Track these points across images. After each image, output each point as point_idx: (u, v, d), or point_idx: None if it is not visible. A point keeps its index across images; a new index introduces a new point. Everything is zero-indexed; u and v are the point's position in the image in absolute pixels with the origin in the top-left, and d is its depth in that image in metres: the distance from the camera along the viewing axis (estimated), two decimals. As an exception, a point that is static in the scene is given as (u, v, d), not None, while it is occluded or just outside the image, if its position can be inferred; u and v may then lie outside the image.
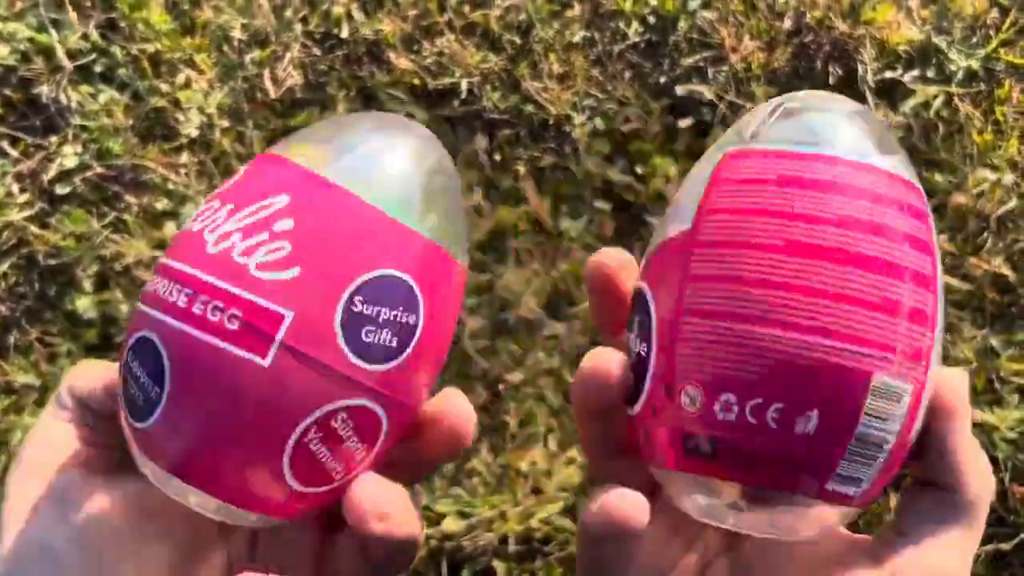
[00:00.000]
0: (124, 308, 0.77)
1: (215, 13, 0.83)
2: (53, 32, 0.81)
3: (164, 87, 0.81)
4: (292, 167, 0.28)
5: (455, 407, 0.29)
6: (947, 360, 0.72)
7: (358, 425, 0.27)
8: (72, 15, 0.81)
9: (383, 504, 0.26)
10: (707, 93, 0.77)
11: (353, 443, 0.27)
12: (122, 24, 0.82)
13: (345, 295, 0.26)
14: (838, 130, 0.29)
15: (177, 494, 0.27)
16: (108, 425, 0.29)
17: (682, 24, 0.79)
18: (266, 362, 0.26)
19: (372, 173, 0.29)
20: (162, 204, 0.79)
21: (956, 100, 0.76)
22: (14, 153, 0.80)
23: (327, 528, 0.31)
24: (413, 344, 0.28)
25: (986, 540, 0.68)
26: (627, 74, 0.80)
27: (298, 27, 0.82)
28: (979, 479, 0.30)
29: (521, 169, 0.79)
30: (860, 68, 0.76)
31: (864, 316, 0.27)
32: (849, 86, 0.77)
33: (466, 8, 0.82)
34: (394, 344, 0.27)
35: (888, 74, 0.76)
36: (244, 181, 0.29)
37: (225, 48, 0.82)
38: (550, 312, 0.74)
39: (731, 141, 0.30)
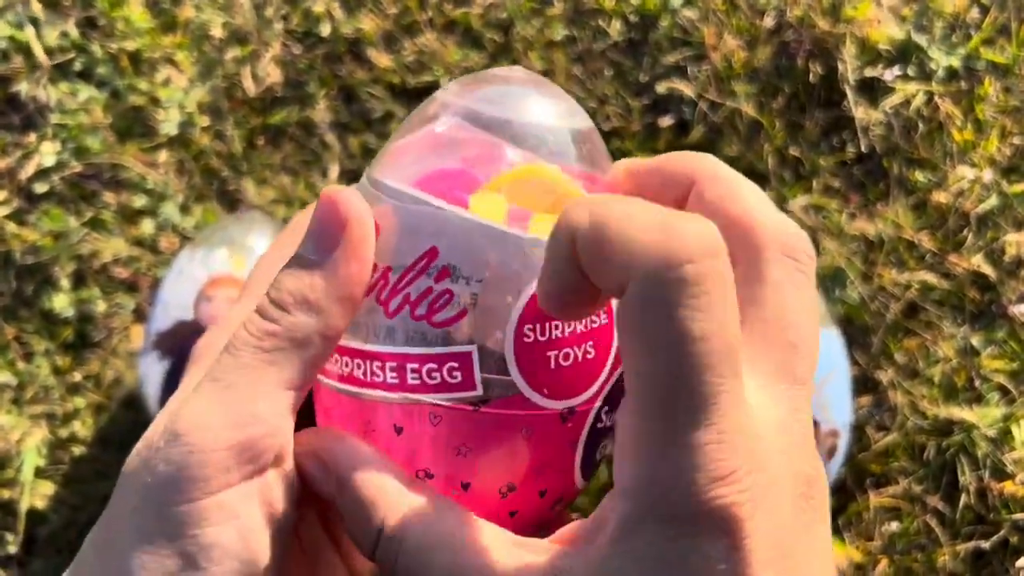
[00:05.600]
0: (101, 306, 0.76)
1: (195, 11, 0.82)
2: (31, 30, 0.80)
3: (143, 85, 0.80)
4: None
5: None
6: (928, 358, 0.71)
7: None
8: (38, 9, 0.81)
9: None
10: (688, 91, 0.77)
11: None
12: (102, 22, 0.82)
13: None
14: None
15: None
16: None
17: (663, 22, 0.79)
18: None
19: None
20: (140, 202, 0.78)
21: (936, 98, 0.76)
22: (-8, 151, 0.79)
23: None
24: None
25: (966, 538, 0.68)
26: (608, 72, 0.79)
27: (278, 25, 0.82)
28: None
29: (501, 167, 0.78)
30: (840, 66, 0.76)
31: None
32: (830, 84, 0.77)
33: (447, 6, 0.82)
34: None
35: (868, 72, 0.76)
36: None
37: (205, 46, 0.82)
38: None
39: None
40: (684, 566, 0.20)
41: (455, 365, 0.25)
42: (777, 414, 0.22)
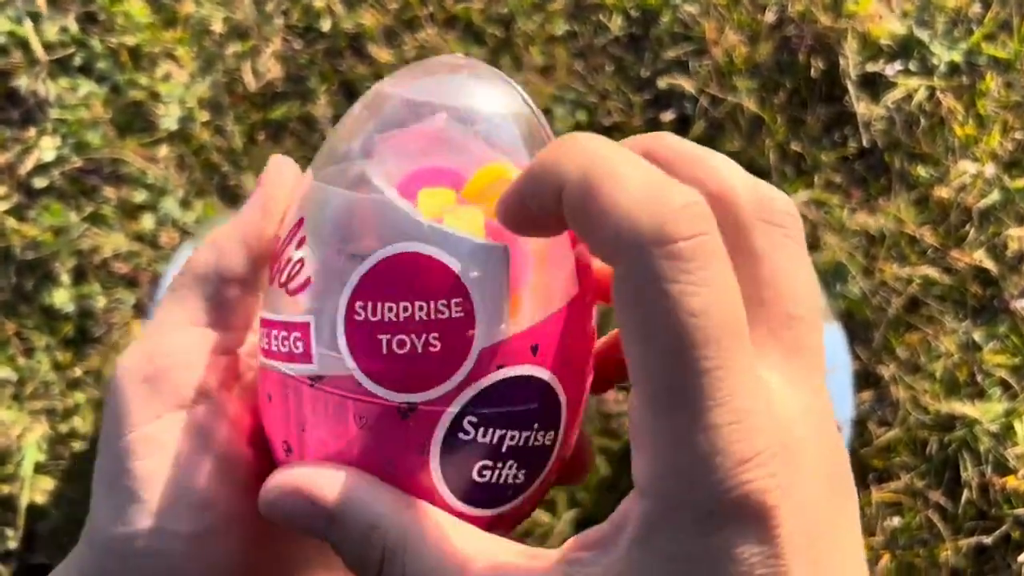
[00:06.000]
0: (101, 301, 0.76)
1: (196, 6, 0.82)
2: (29, 24, 0.80)
3: (143, 80, 0.80)
4: None
5: None
6: (929, 353, 0.71)
7: None
8: (38, 4, 0.81)
9: None
10: (689, 87, 0.77)
11: None
12: (102, 17, 0.81)
13: None
14: None
15: None
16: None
17: (664, 17, 0.79)
18: None
19: None
20: (141, 197, 0.78)
21: (938, 93, 0.76)
22: (-8, 146, 0.79)
23: None
24: None
25: (968, 533, 0.68)
26: (609, 67, 0.79)
27: (279, 20, 0.82)
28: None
29: (502, 162, 0.78)
30: (842, 61, 0.76)
31: None
32: (831, 79, 0.77)
33: (448, 1, 0.81)
34: None
35: (870, 67, 0.76)
36: None
37: (205, 41, 0.82)
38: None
39: None
40: (714, 563, 0.19)
41: (298, 335, 0.24)
42: (797, 394, 0.21)
